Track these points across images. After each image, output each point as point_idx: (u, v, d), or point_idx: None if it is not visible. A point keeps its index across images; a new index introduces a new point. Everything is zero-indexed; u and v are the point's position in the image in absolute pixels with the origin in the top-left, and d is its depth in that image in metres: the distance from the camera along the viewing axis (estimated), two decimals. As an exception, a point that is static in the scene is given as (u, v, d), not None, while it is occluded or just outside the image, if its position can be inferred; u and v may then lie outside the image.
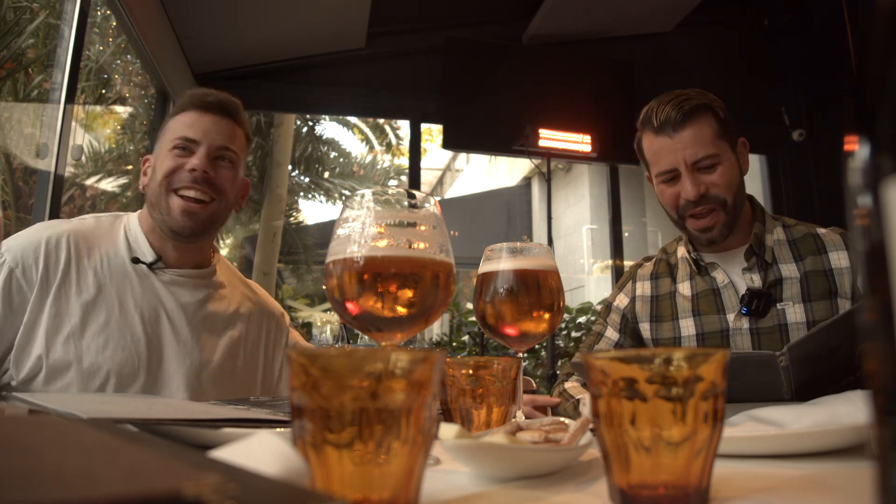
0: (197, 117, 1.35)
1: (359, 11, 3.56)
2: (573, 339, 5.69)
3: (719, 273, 1.43)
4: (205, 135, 1.33)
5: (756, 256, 1.39)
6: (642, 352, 0.45)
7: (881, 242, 0.24)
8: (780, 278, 1.37)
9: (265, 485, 0.27)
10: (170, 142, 1.34)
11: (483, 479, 0.55)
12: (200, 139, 1.33)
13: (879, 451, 0.25)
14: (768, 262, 1.39)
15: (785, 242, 1.41)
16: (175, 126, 1.36)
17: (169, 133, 1.36)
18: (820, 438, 0.61)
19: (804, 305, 1.33)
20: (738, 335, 1.37)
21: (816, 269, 1.35)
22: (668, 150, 1.36)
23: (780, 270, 1.38)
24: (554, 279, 0.88)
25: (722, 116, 1.37)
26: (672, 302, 1.49)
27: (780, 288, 1.37)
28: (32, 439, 0.33)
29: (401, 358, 0.40)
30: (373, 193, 0.64)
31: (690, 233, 1.43)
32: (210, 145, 1.34)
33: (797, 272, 1.37)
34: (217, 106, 1.37)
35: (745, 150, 1.43)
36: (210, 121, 1.35)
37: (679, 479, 0.43)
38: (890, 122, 0.24)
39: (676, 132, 1.35)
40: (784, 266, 1.38)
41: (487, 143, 4.04)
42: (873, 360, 0.25)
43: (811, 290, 1.34)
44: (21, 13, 3.76)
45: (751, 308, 1.35)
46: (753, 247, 1.39)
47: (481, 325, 0.89)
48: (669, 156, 1.36)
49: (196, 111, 1.36)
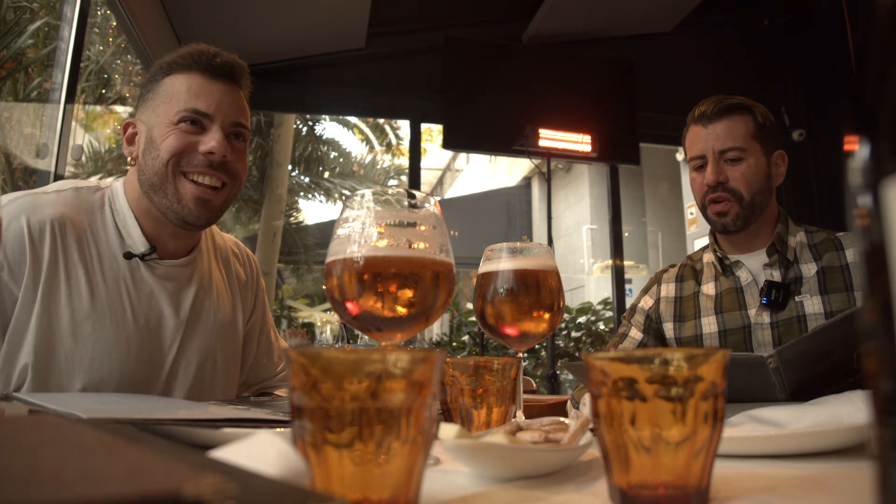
0: (206, 84, 1.16)
1: (359, 11, 3.56)
2: (573, 339, 5.68)
3: (743, 272, 1.48)
4: (218, 108, 1.15)
5: (778, 253, 1.44)
6: (642, 352, 0.45)
7: (881, 242, 0.24)
8: (800, 276, 1.43)
9: (265, 485, 0.27)
10: (174, 112, 1.14)
11: (483, 479, 0.55)
12: (214, 113, 1.15)
13: (879, 451, 0.25)
14: (790, 259, 1.44)
15: (807, 246, 1.47)
16: (177, 90, 1.15)
17: (170, 98, 1.15)
18: (820, 438, 0.61)
19: (821, 297, 1.38)
20: (758, 330, 1.42)
21: (833, 265, 1.41)
22: (701, 139, 1.46)
23: (800, 269, 1.43)
24: (554, 279, 0.88)
25: (761, 121, 1.45)
26: (696, 302, 1.54)
27: (799, 284, 1.42)
28: (32, 439, 0.33)
29: (401, 358, 0.40)
30: (373, 193, 0.64)
31: (709, 219, 1.49)
32: (224, 121, 1.16)
33: (816, 269, 1.42)
34: (228, 71, 1.18)
35: (781, 163, 1.50)
36: (221, 90, 1.17)
37: (679, 479, 0.43)
38: (890, 122, 0.24)
39: (711, 123, 1.45)
40: (804, 266, 1.44)
41: (487, 143, 4.05)
42: (873, 360, 0.25)
43: (827, 283, 1.39)
44: (21, 13, 3.76)
45: (770, 299, 1.39)
46: (776, 244, 1.45)
47: (481, 325, 0.89)
48: (700, 143, 1.46)
49: (203, 76, 1.16)
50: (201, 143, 1.14)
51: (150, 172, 1.15)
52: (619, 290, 4.37)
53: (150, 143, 1.16)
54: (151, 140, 1.16)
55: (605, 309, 5.73)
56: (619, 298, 4.33)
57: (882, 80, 0.24)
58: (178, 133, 1.13)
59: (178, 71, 1.17)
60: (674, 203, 6.38)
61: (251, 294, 1.45)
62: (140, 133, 1.19)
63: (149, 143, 1.16)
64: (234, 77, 1.20)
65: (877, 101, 0.24)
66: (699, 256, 1.61)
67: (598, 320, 5.80)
